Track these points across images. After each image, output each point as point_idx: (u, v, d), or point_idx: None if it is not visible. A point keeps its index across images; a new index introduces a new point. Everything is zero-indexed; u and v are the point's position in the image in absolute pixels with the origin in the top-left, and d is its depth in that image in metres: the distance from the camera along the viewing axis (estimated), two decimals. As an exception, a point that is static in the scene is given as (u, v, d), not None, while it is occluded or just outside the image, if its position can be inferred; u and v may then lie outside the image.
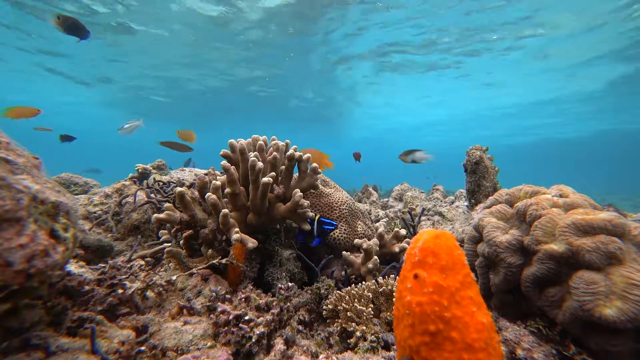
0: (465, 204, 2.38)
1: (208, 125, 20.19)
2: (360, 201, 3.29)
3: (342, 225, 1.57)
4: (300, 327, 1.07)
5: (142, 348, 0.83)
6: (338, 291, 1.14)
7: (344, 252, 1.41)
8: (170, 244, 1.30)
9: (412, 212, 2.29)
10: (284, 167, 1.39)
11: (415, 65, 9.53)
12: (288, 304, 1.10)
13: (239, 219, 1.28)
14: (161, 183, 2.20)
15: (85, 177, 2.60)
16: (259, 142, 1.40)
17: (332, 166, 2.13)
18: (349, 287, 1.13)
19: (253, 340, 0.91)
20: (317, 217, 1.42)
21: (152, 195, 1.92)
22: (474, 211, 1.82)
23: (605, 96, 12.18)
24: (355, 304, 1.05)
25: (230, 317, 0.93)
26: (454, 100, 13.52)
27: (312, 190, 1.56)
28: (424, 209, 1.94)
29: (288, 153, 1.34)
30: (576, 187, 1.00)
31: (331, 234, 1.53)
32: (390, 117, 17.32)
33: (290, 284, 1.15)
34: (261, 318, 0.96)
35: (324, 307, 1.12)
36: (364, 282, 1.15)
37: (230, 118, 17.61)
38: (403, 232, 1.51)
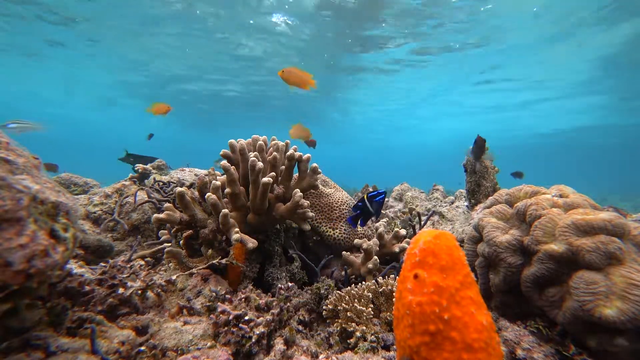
0: (465, 204, 2.38)
1: (208, 125, 20.18)
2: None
3: (342, 226, 1.57)
4: (300, 327, 1.07)
5: (142, 348, 0.83)
6: (338, 291, 1.14)
7: (343, 252, 1.41)
8: (170, 244, 1.30)
9: (413, 213, 2.28)
10: (284, 167, 1.39)
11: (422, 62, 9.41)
12: (288, 304, 1.10)
13: (239, 219, 1.28)
14: (161, 183, 2.20)
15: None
16: (259, 142, 1.40)
17: (315, 84, 2.17)
18: (348, 287, 1.13)
19: (253, 340, 0.91)
20: (365, 196, 1.33)
21: (152, 195, 1.92)
22: (474, 211, 1.82)
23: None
24: (355, 304, 1.05)
25: (230, 317, 0.93)
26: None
27: (312, 190, 1.56)
28: (429, 214, 1.94)
29: (288, 153, 1.34)
30: (577, 187, 1.00)
31: (331, 233, 1.53)
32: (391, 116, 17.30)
33: (290, 284, 1.15)
34: (261, 318, 0.96)
35: (324, 307, 1.12)
36: (364, 282, 1.15)
37: (230, 117, 17.63)
38: (403, 232, 1.51)
